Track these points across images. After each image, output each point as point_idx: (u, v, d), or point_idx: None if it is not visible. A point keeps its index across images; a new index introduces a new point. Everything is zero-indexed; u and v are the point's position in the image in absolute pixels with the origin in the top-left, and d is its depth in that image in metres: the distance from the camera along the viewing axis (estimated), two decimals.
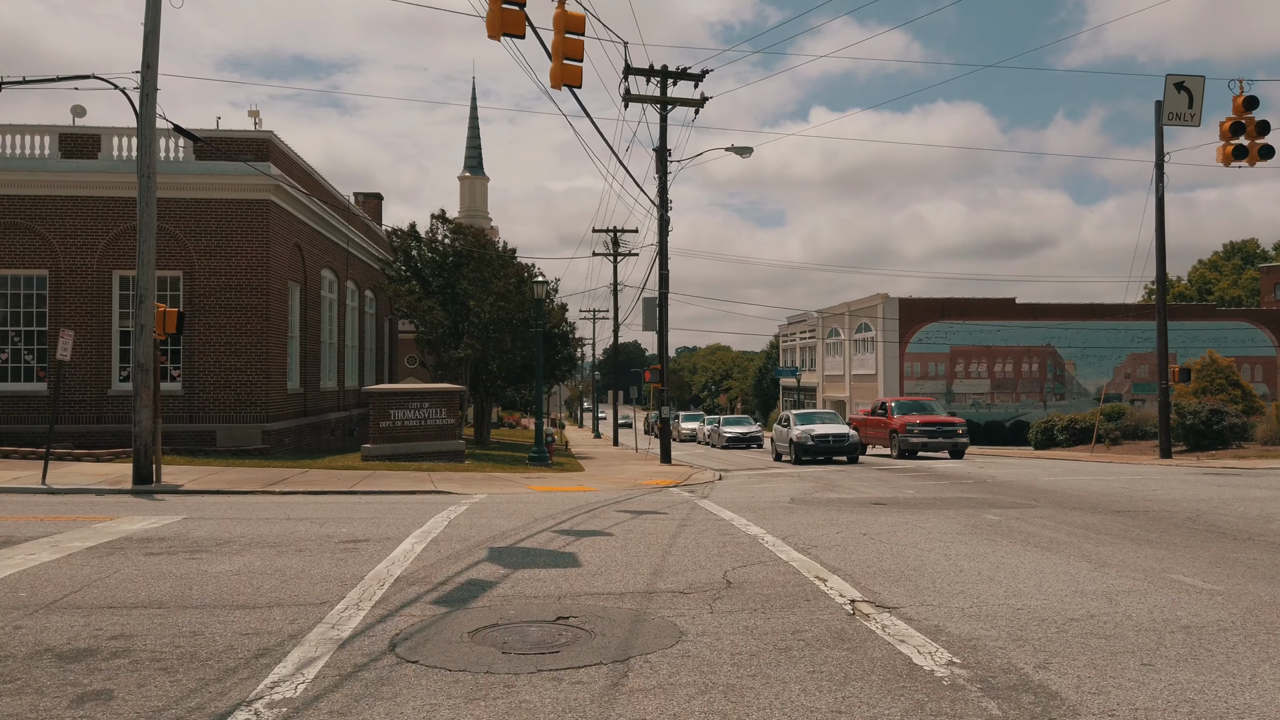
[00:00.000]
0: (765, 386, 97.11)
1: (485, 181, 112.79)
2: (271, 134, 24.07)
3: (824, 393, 71.42)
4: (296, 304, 27.26)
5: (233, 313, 23.82)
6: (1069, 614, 5.97)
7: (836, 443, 28.07)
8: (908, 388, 60.49)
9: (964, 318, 60.96)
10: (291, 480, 17.76)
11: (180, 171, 23.56)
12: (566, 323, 39.55)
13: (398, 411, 23.21)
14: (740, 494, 16.17)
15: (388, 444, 22.94)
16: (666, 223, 30.25)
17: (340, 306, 32.32)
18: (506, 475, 20.60)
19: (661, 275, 30.24)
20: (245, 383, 23.79)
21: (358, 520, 10.89)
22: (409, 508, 12.65)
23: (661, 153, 30.64)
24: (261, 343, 23.85)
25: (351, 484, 17.33)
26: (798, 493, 16.26)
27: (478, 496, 15.17)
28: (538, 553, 8.45)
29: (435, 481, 18.41)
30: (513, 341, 28.25)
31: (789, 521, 11.15)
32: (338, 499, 14.44)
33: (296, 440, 26.35)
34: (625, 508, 13.12)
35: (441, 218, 27.78)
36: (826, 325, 70.95)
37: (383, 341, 39.92)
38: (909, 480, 19.61)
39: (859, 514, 12.13)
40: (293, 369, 26.98)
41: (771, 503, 14.08)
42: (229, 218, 23.86)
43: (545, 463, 24.78)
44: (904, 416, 30.68)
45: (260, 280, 23.88)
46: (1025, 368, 61.88)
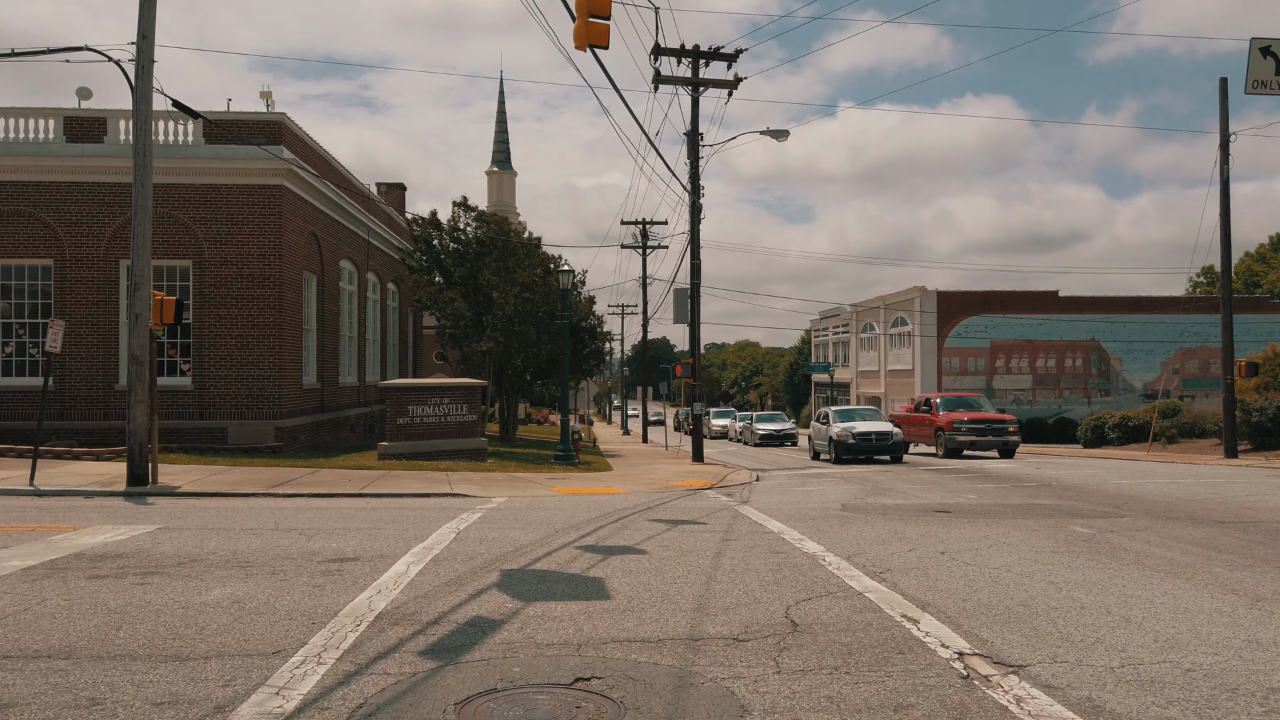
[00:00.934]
0: (796, 383, 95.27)
1: (513, 176, 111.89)
2: (284, 116, 22.87)
3: (858, 389, 69.56)
4: (313, 295, 26.09)
5: (244, 304, 22.66)
6: (1265, 680, 4.45)
7: (879, 441, 26.46)
8: (946, 383, 58.52)
9: (1004, 311, 58.87)
10: (298, 481, 16.51)
11: (189, 155, 22.43)
12: (594, 316, 38.16)
13: (416, 408, 21.94)
14: (784, 499, 14.68)
15: (405, 442, 21.67)
16: (699, 210, 28.78)
17: (360, 299, 31.16)
18: (530, 476, 19.25)
19: (693, 265, 28.79)
20: (258, 377, 22.63)
21: (354, 531, 9.54)
22: (417, 515, 11.30)
23: (693, 137, 29.17)
24: (274, 336, 22.68)
25: (361, 486, 16.04)
26: (847, 497, 14.74)
27: (496, 500, 13.81)
28: (556, 577, 7.05)
29: (453, 483, 17.09)
30: (538, 334, 26.89)
31: (848, 535, 9.66)
32: (342, 503, 13.12)
33: (313, 437, 25.19)
34: (658, 515, 11.69)
35: (464, 205, 26.48)
36: (860, 320, 69.06)
37: (406, 336, 38.78)
38: (965, 483, 18.01)
39: (926, 525, 10.61)
40: (309, 363, 25.82)
41: (821, 510, 12.59)
42: (240, 204, 22.69)
43: (571, 462, 23.42)
44: (950, 413, 28.98)
45: (273, 270, 22.70)
46: (1069, 363, 59.69)
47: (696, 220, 28.68)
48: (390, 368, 36.06)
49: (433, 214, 27.10)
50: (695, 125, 28.85)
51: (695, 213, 28.60)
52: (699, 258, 28.82)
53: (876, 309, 65.15)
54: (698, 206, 28.65)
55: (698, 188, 28.65)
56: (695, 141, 28.89)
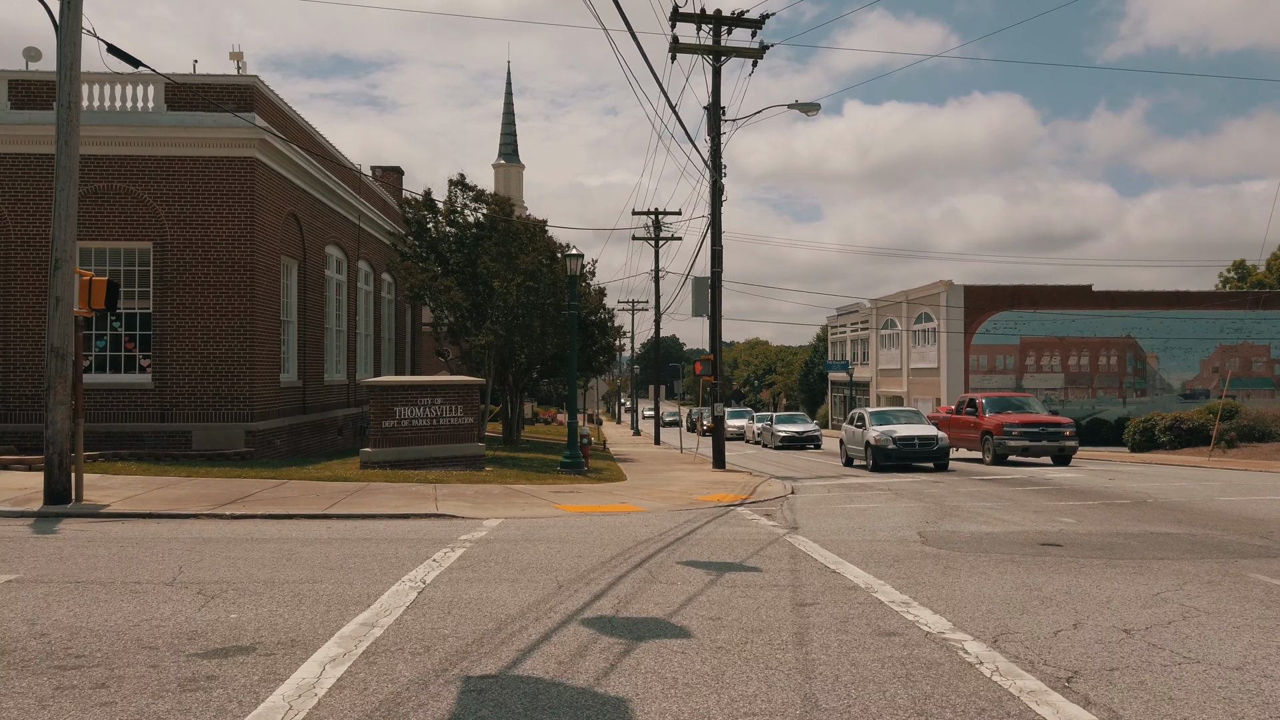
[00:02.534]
0: (812, 381, 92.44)
1: (520, 169, 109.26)
2: (257, 79, 20.26)
3: (878, 388, 66.77)
4: (294, 284, 23.51)
5: (212, 291, 20.08)
6: None
7: (923, 447, 23.74)
8: (973, 382, 55.69)
9: (1035, 306, 56.00)
10: (255, 498, 13.90)
11: (147, 123, 19.85)
12: (604, 309, 35.49)
13: (404, 409, 19.33)
14: (840, 523, 11.99)
15: (391, 448, 19.07)
16: (720, 190, 26.12)
17: (350, 289, 28.57)
18: (531, 489, 16.62)
19: (714, 252, 26.13)
20: (227, 374, 20.05)
21: (278, 587, 6.91)
22: (378, 553, 8.67)
23: (714, 110, 26.49)
24: (246, 327, 20.09)
25: (328, 504, 13.42)
26: (916, 521, 12.06)
27: (487, 525, 11.19)
28: (554, 698, 4.38)
29: (439, 499, 14.46)
30: (543, 327, 24.26)
31: (965, 593, 6.99)
32: (293, 531, 10.50)
33: (292, 441, 22.61)
34: (692, 551, 9.04)
35: (461, 184, 23.83)
36: (881, 316, 66.24)
37: (403, 330, 36.19)
38: (1042, 499, 15.30)
39: (1056, 574, 7.93)
40: (289, 359, 23.24)
41: (896, 541, 9.93)
42: (207, 178, 20.11)
43: (580, 470, 20.78)
44: (998, 415, 26.23)
45: (244, 253, 20.11)
46: (1102, 360, 56.79)
47: (718, 201, 26.03)
48: (385, 365, 33.48)
49: (426, 194, 24.46)
50: (717, 97, 26.19)
51: (717, 193, 25.95)
52: (720, 244, 26.16)
53: (898, 304, 62.32)
54: (719, 186, 26.00)
55: (719, 165, 25.99)
56: (717, 115, 26.22)
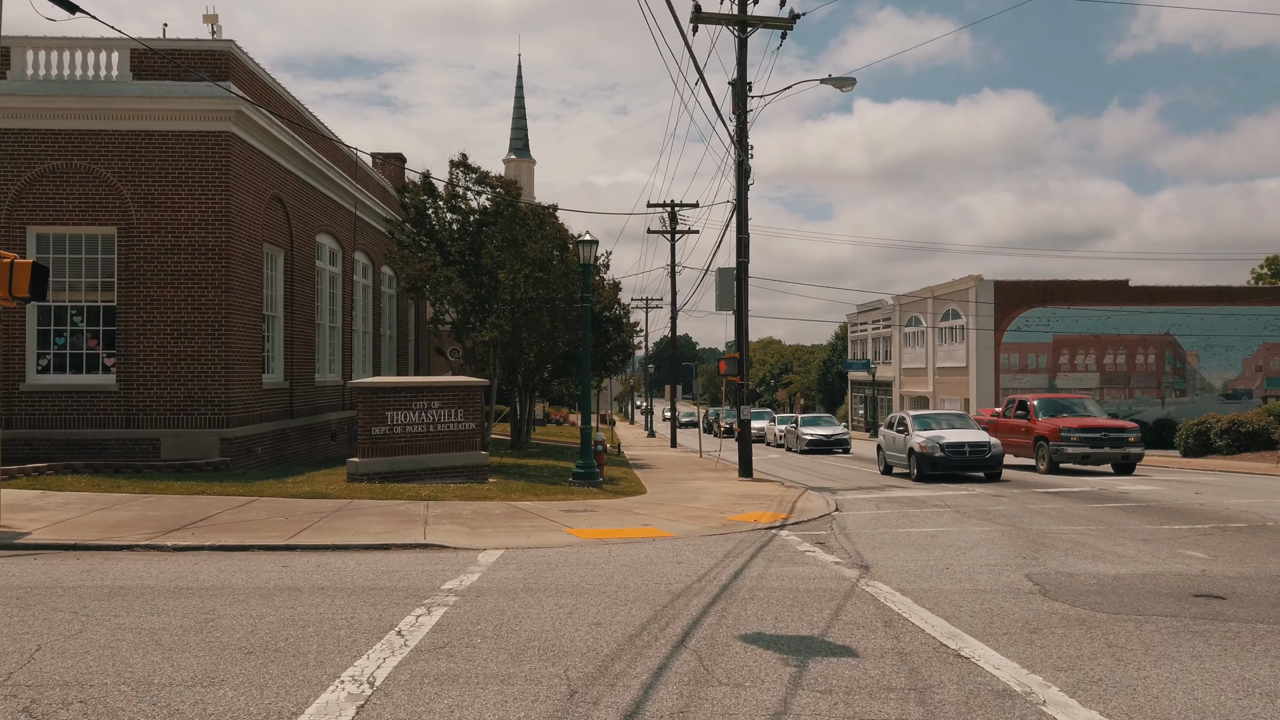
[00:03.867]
0: (830, 381, 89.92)
1: (531, 165, 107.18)
2: (232, 44, 18.09)
3: (901, 388, 64.35)
4: (279, 275, 21.36)
5: (182, 282, 17.94)
6: None
7: (974, 454, 21.41)
8: (1004, 382, 53.22)
9: (1069, 302, 53.48)
10: (211, 521, 11.72)
11: (111, 94, 17.72)
12: (619, 305, 33.24)
13: (396, 414, 17.16)
14: (915, 558, 9.72)
15: (382, 458, 16.90)
16: (747, 173, 23.86)
17: (346, 282, 26.42)
18: (539, 506, 14.39)
19: (739, 240, 23.88)
20: (199, 375, 17.91)
21: (156, 691, 4.70)
22: (332, 613, 6.49)
23: (740, 86, 24.23)
24: (221, 322, 17.95)
25: (295, 530, 11.22)
26: (1005, 553, 9.79)
27: (482, 561, 8.99)
28: None
29: (430, 522, 12.25)
30: (553, 323, 22.04)
31: (1173, 701, 4.72)
32: (235, 573, 8.31)
33: (276, 449, 20.46)
34: (751, 616, 6.82)
35: (463, 165, 21.61)
36: (905, 313, 63.79)
37: (406, 328, 34.03)
38: (1136, 520, 12.98)
39: (1273, 656, 5.65)
40: (273, 358, 21.11)
41: (1007, 592, 7.67)
42: (177, 155, 17.97)
43: (594, 480, 18.58)
44: (1054, 419, 23.84)
45: (219, 239, 17.96)
46: (1140, 359, 54.21)
47: (744, 184, 23.76)
48: (386, 365, 31.34)
49: (425, 177, 22.24)
50: (742, 71, 23.92)
51: (742, 176, 23.68)
52: (746, 231, 23.91)
53: (924, 301, 59.84)
54: (746, 168, 23.73)
55: (746, 144, 23.73)
56: (743, 91, 23.96)
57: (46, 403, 17.72)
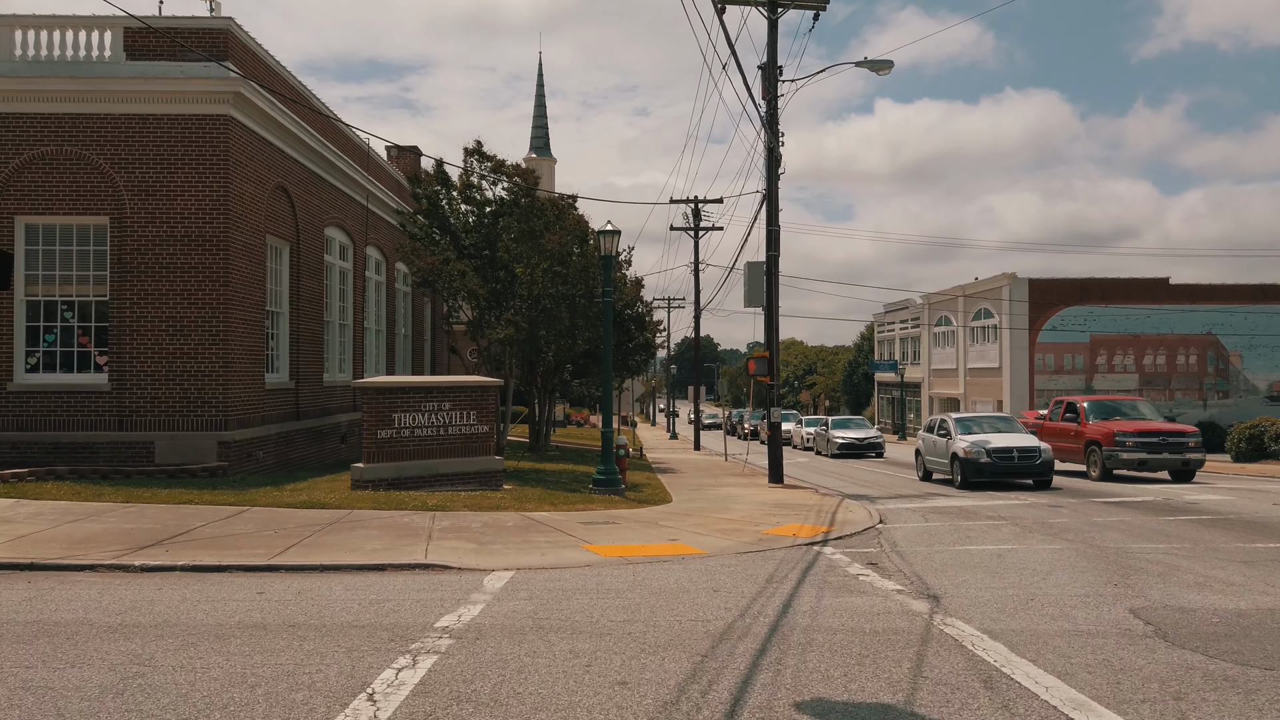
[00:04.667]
0: (856, 382, 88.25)
1: (552, 163, 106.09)
2: (231, 21, 16.99)
3: (930, 389, 62.67)
4: (284, 269, 20.25)
5: (178, 275, 16.84)
6: None
7: (1023, 461, 19.96)
8: (1039, 383, 51.50)
9: (1106, 301, 51.64)
10: (193, 536, 10.55)
11: (103, 74, 16.65)
12: (642, 302, 31.98)
13: (404, 415, 15.97)
14: (989, 584, 8.38)
15: (388, 463, 15.72)
16: (778, 160, 22.52)
17: (357, 278, 25.31)
18: (556, 518, 13.13)
19: (769, 232, 22.55)
20: (196, 374, 16.80)
21: None
22: (295, 664, 5.27)
23: (770, 70, 22.90)
24: (219, 318, 16.84)
25: (283, 547, 10.02)
26: (1092, 579, 8.43)
27: (487, 589, 7.75)
28: None
29: (434, 537, 11.02)
30: (572, 320, 20.80)
31: None
32: (199, 603, 7.11)
33: (280, 452, 19.34)
34: (810, 672, 5.53)
35: (478, 153, 20.41)
36: (934, 312, 62.09)
37: (421, 327, 32.90)
38: (1221, 535, 11.54)
39: None
40: (278, 356, 20.00)
41: (1116, 633, 6.34)
42: (173, 141, 16.88)
43: (616, 488, 17.30)
44: (1106, 423, 22.32)
45: (217, 229, 16.85)
46: (1181, 359, 52.29)
47: (774, 173, 22.42)
48: (401, 365, 30.24)
49: (438, 165, 21.07)
50: (773, 54, 22.58)
51: (773, 163, 22.34)
52: (777, 223, 22.56)
53: (954, 300, 58.13)
54: (776, 155, 22.39)
55: (776, 132, 22.39)
56: (773, 74, 22.62)
57: (36, 403, 16.68)
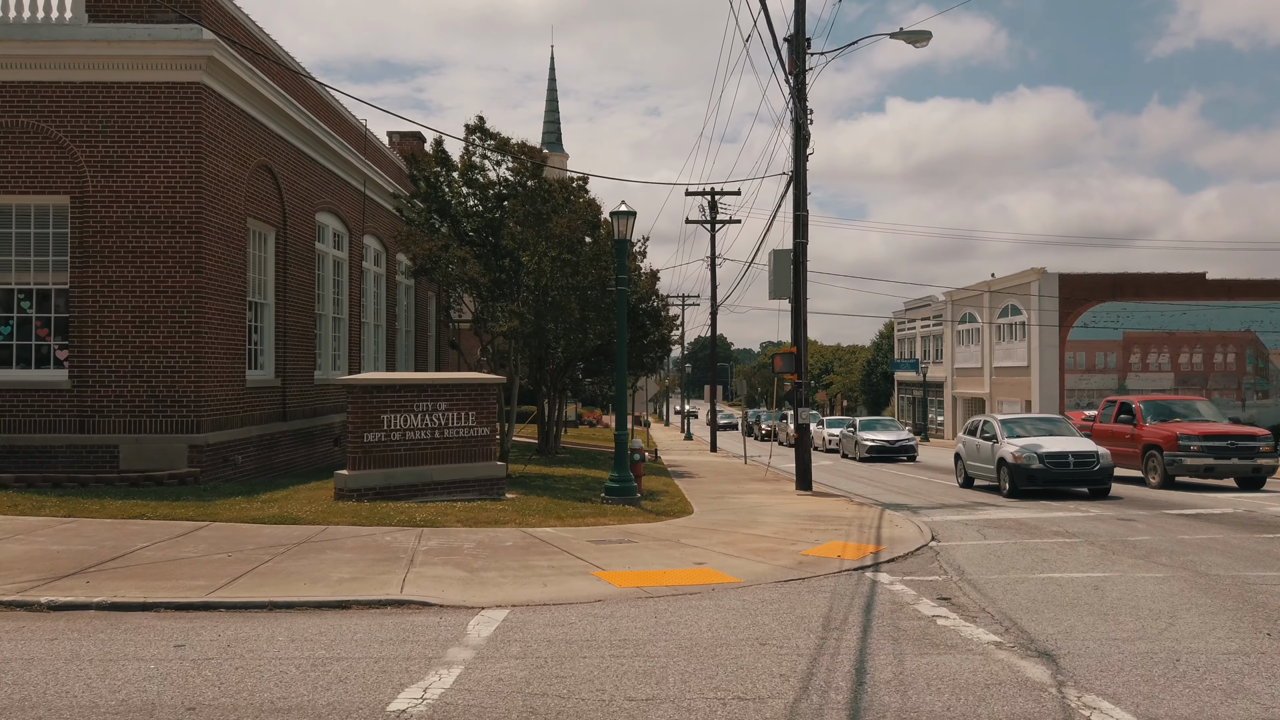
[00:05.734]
0: (874, 382, 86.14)
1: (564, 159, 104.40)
2: None
3: (954, 389, 60.67)
4: (269, 256, 18.58)
5: (146, 261, 15.17)
6: None
7: (1080, 466, 18.08)
8: (1070, 382, 49.49)
9: (1140, 297, 49.58)
10: (129, 560, 8.83)
11: (64, 38, 14.98)
12: (657, 296, 30.19)
13: (393, 416, 14.25)
14: (1108, 633, 6.59)
15: (376, 470, 13.99)
16: (806, 139, 20.72)
17: (354, 269, 23.65)
18: (563, 534, 11.37)
19: (797, 218, 20.77)
20: (164, 370, 15.13)
21: None
22: None
23: (798, 40, 21.11)
24: (191, 308, 15.15)
25: (233, 574, 8.30)
26: (1243, 625, 6.63)
27: (472, 635, 6.01)
28: None
29: (417, 561, 9.28)
30: (582, 311, 19.07)
31: None
32: (101, 655, 5.40)
33: (264, 456, 17.65)
34: None
35: (480, 130, 18.69)
36: (958, 309, 60.05)
37: (425, 323, 31.23)
38: None
39: None
40: (263, 351, 18.33)
41: None
42: (139, 111, 15.21)
43: (631, 497, 15.53)
44: (1166, 425, 20.40)
45: (187, 209, 15.16)
46: (1218, 358, 50.15)
47: (803, 152, 20.61)
48: (402, 362, 28.57)
49: (438, 144, 19.36)
50: (800, 23, 20.77)
51: (801, 142, 20.54)
52: (805, 207, 20.77)
53: (979, 296, 56.09)
54: (805, 134, 20.58)
55: (805, 106, 20.58)
56: (800, 46, 20.80)
57: None
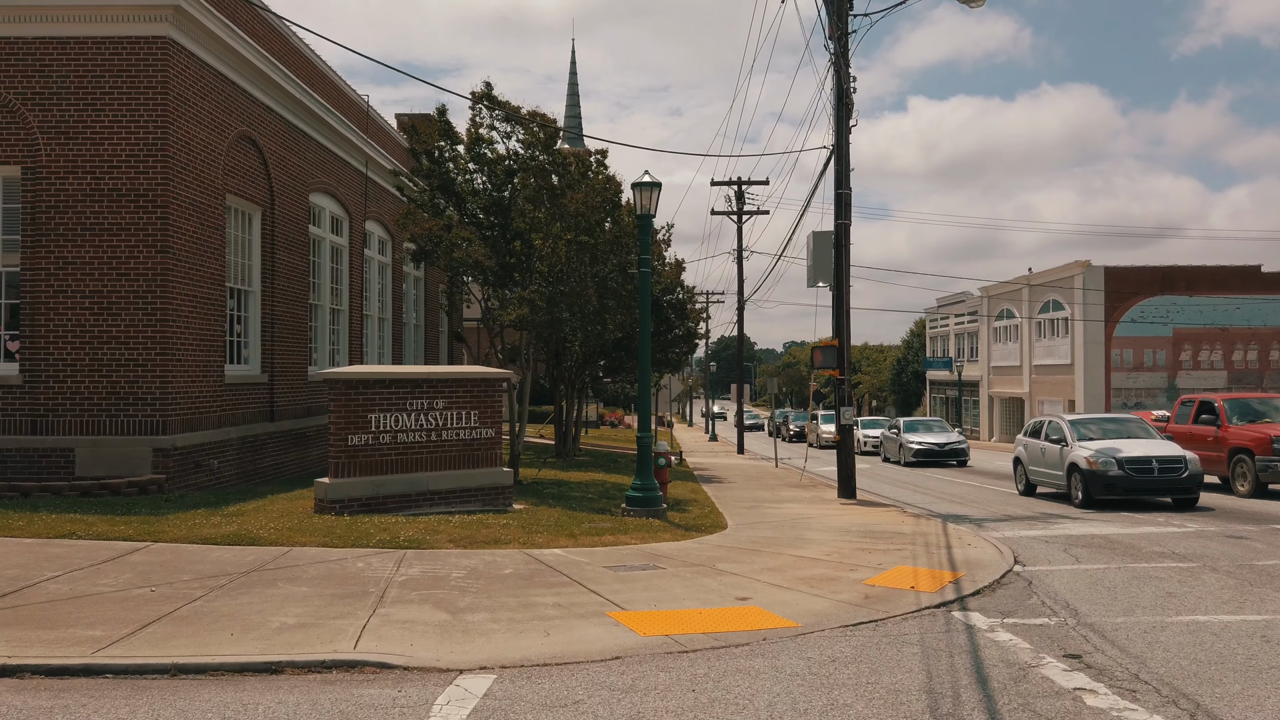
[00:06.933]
0: (905, 381, 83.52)
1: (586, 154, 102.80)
2: None
3: (990, 388, 58.23)
4: (255, 239, 16.74)
5: (105, 239, 13.37)
6: None
7: (1166, 473, 15.90)
8: (1116, 381, 46.98)
9: (1191, 291, 46.98)
10: (18, 599, 6.94)
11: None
12: (683, 287, 28.19)
13: (382, 416, 12.33)
14: None
15: (363, 477, 12.09)
16: (849, 108, 18.73)
17: (355, 257, 21.82)
18: (575, 558, 9.38)
19: (839, 196, 18.78)
20: (125, 362, 13.31)
21: None
22: None
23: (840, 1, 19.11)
24: (155, 292, 13.33)
25: (141, 622, 6.37)
26: None
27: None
28: None
29: (388, 598, 7.33)
30: (601, 300, 17.11)
31: None
32: None
33: (247, 460, 15.81)
34: None
35: (486, 98, 16.70)
36: (995, 305, 57.58)
37: (436, 317, 29.40)
38: None
39: None
40: (246, 344, 16.51)
41: None
42: (98, 70, 13.41)
43: (655, 507, 13.55)
44: (1257, 426, 18.13)
45: (151, 181, 13.34)
46: (1275, 355, 47.45)
47: (845, 123, 18.60)
48: (411, 358, 26.74)
49: (440, 114, 17.40)
50: None
51: (844, 111, 18.52)
52: (848, 184, 18.78)
53: (1017, 291, 53.58)
54: (848, 102, 18.56)
55: (847, 72, 18.54)
56: (842, 5, 18.75)
57: None
